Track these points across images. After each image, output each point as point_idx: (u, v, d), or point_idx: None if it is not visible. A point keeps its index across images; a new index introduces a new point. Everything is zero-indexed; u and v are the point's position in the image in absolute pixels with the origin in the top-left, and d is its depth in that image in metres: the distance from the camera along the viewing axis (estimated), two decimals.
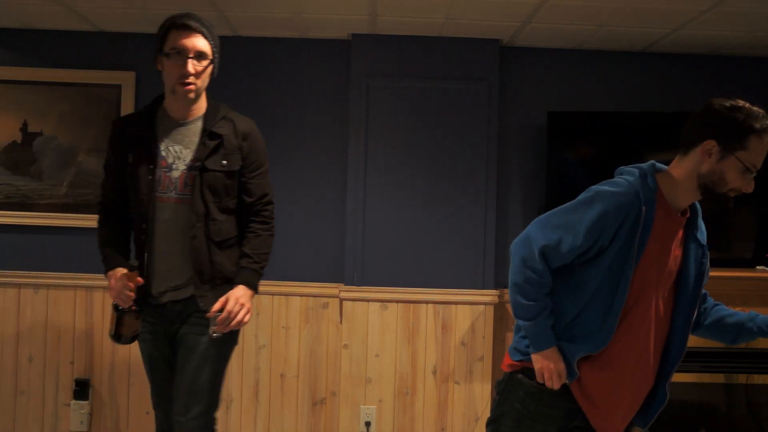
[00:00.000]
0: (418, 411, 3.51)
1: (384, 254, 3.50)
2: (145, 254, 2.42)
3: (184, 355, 2.44)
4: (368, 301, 3.51)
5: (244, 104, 3.49)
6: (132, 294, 2.31)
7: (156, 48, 2.39)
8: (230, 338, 2.48)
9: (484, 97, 3.52)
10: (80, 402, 3.52)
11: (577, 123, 3.52)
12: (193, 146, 2.42)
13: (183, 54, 2.33)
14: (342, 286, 3.52)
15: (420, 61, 3.53)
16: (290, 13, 3.24)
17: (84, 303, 3.55)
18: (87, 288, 3.55)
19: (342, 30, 3.45)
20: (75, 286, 3.56)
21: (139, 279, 2.33)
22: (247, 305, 2.39)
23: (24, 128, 3.55)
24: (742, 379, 3.26)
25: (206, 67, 2.37)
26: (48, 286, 3.56)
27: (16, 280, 3.55)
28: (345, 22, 3.35)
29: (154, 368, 2.51)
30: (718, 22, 3.14)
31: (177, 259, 2.41)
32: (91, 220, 3.55)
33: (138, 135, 2.42)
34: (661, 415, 3.60)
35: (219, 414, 3.53)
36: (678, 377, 3.25)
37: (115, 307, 2.33)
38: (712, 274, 3.20)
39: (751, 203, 3.48)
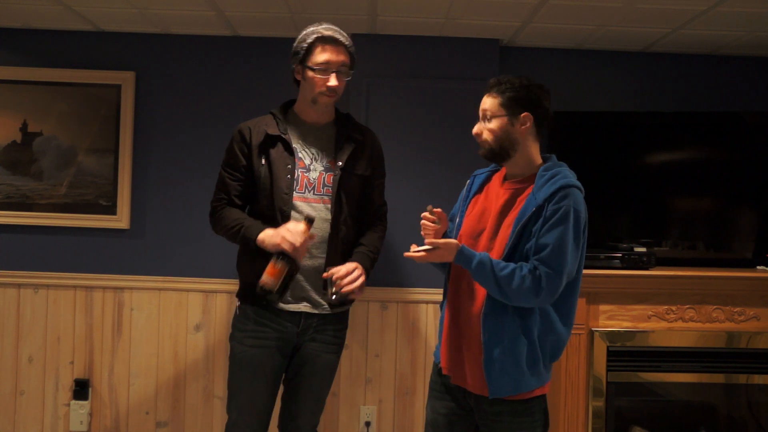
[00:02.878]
0: (418, 411, 3.51)
1: (384, 254, 3.49)
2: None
3: (310, 370, 2.53)
4: (368, 301, 3.51)
5: (244, 104, 3.50)
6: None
7: (297, 58, 2.46)
8: (342, 347, 2.65)
9: None
10: (80, 402, 3.52)
11: (577, 123, 3.52)
12: (329, 149, 2.52)
13: (330, 69, 2.42)
14: None
15: (420, 61, 3.53)
16: (290, 13, 3.24)
17: (84, 303, 3.55)
18: (87, 288, 3.56)
19: (342, 30, 3.45)
20: (75, 286, 3.56)
21: (313, 234, 2.37)
22: (363, 278, 2.45)
23: (24, 128, 3.55)
24: (742, 379, 3.26)
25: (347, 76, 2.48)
26: (48, 286, 3.56)
27: (16, 280, 3.55)
28: (345, 22, 3.34)
29: (260, 378, 2.47)
30: (718, 22, 3.14)
31: (311, 260, 2.47)
32: (91, 220, 3.57)
33: (273, 137, 2.48)
34: (662, 415, 3.62)
35: (218, 414, 3.54)
36: (678, 377, 3.28)
37: (287, 260, 2.31)
38: (712, 273, 3.23)
39: (751, 203, 3.49)
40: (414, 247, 2.22)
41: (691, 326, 3.23)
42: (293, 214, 2.44)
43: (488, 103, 2.28)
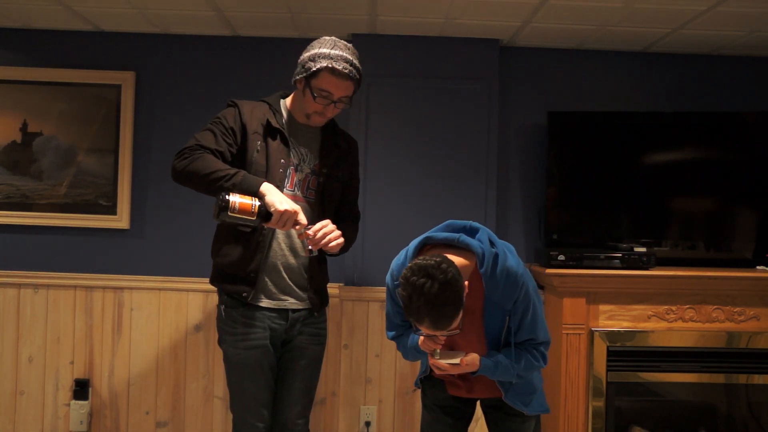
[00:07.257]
0: (418, 411, 3.50)
1: (384, 254, 3.48)
2: (268, 249, 2.47)
3: (302, 363, 2.58)
4: (368, 301, 3.51)
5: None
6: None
7: (302, 72, 2.42)
8: (325, 338, 2.67)
9: (484, 97, 3.52)
10: (80, 402, 3.52)
11: (577, 123, 3.52)
12: (317, 152, 2.55)
13: (330, 98, 2.42)
14: (342, 286, 3.51)
15: (420, 61, 3.53)
16: (290, 13, 3.24)
17: (84, 303, 3.55)
18: (87, 288, 3.56)
19: (342, 30, 3.45)
20: (75, 286, 3.56)
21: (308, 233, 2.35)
22: (338, 231, 2.42)
23: (24, 128, 3.55)
24: (742, 379, 3.26)
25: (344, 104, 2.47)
26: (48, 286, 3.56)
27: (16, 280, 3.55)
28: (345, 22, 3.35)
29: (260, 377, 2.50)
30: (718, 22, 3.15)
31: (296, 259, 2.50)
32: (91, 220, 3.57)
33: (273, 127, 2.47)
34: (662, 415, 3.62)
35: (218, 414, 3.54)
36: (678, 377, 3.28)
37: (263, 217, 2.27)
38: (712, 273, 3.24)
39: (751, 203, 3.49)
40: (438, 350, 2.23)
41: (691, 326, 3.23)
42: None
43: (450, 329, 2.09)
